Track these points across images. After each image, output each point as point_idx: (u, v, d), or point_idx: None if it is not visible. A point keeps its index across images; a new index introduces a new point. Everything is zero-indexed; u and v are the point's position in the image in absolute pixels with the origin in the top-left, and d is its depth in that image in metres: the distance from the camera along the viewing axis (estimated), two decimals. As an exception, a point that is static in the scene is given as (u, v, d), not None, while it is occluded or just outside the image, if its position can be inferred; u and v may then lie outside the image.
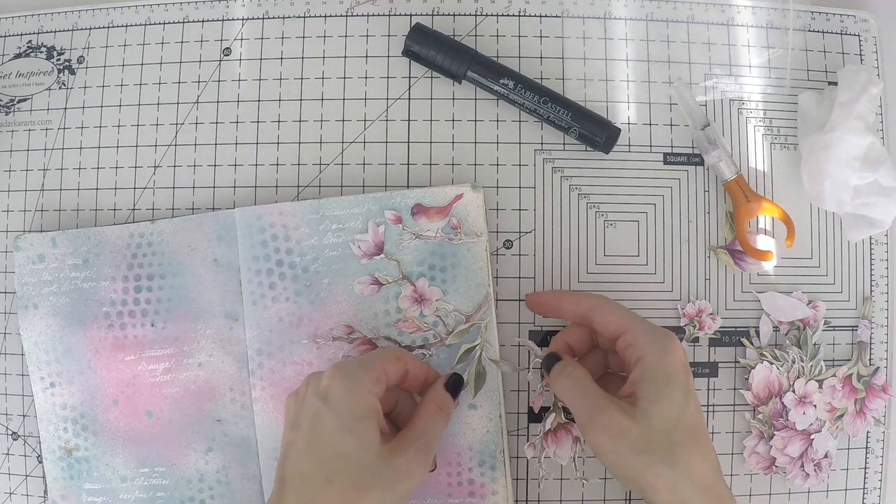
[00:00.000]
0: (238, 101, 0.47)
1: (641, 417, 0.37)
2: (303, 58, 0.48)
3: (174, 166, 0.47)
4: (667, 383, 0.37)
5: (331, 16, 0.48)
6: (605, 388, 0.40)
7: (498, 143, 0.47)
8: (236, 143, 0.47)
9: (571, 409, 0.40)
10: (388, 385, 0.39)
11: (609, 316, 0.40)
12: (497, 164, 0.47)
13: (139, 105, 0.48)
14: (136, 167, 0.47)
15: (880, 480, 0.47)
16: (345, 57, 0.47)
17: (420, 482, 0.38)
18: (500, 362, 0.44)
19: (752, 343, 0.46)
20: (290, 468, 0.36)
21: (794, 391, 0.46)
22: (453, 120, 0.47)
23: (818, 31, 0.49)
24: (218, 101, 0.48)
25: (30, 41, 0.49)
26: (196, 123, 0.47)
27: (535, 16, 0.48)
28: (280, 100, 0.47)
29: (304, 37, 0.48)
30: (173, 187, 0.47)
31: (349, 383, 0.37)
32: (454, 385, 0.42)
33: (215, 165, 0.47)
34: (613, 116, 0.47)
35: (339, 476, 0.35)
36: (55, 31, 0.49)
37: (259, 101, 0.47)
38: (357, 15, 0.48)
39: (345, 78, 0.47)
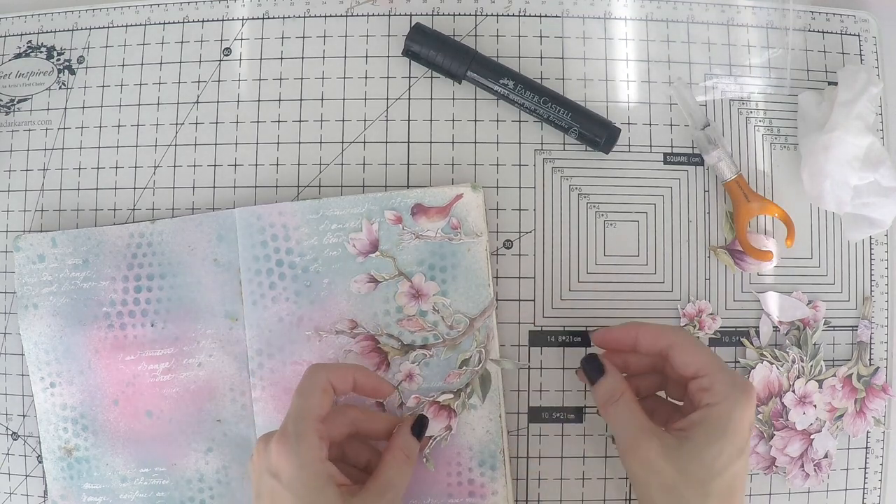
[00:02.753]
0: (238, 101, 0.47)
1: (681, 459, 0.36)
2: (303, 58, 0.48)
3: (174, 166, 0.47)
4: (723, 435, 0.36)
5: (331, 16, 0.48)
6: (653, 411, 0.40)
7: (498, 143, 0.47)
8: (236, 143, 0.47)
9: (615, 432, 0.40)
10: (337, 400, 0.39)
11: (690, 357, 0.38)
12: (497, 164, 0.47)
13: (139, 105, 0.48)
14: (136, 167, 0.47)
15: (880, 480, 0.47)
16: (345, 57, 0.47)
17: None
18: (501, 360, 0.44)
19: (752, 343, 0.46)
20: None
21: (794, 391, 0.46)
22: (453, 120, 0.47)
23: (818, 31, 0.49)
24: (218, 101, 0.48)
25: (30, 41, 0.49)
26: (196, 123, 0.47)
27: (535, 16, 0.48)
28: (280, 100, 0.47)
29: (304, 37, 0.48)
30: (173, 187, 0.47)
31: (296, 459, 0.35)
32: (420, 428, 0.41)
33: (215, 165, 0.47)
34: (613, 116, 0.47)
35: None
36: (55, 31, 0.49)
37: (259, 101, 0.47)
38: (357, 15, 0.48)
39: (345, 78, 0.47)
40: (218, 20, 0.48)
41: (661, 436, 0.37)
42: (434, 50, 0.45)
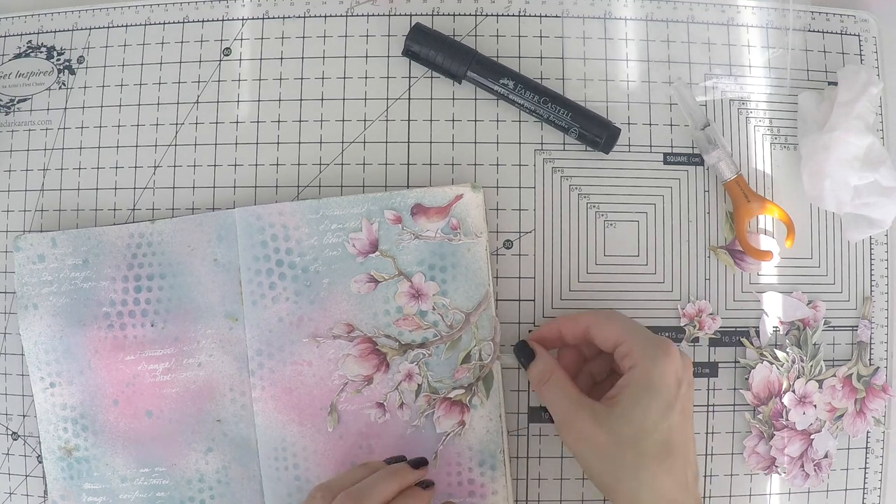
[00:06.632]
0: (238, 101, 0.47)
1: (612, 424, 0.37)
2: (303, 58, 0.48)
3: (174, 166, 0.47)
4: (647, 392, 0.37)
5: (331, 16, 0.48)
6: (591, 390, 0.42)
7: (498, 143, 0.47)
8: (236, 143, 0.47)
9: (550, 409, 0.41)
10: None
11: (607, 331, 0.40)
12: (497, 164, 0.47)
13: (139, 105, 0.48)
14: (136, 167, 0.47)
15: (880, 480, 0.47)
16: (345, 57, 0.47)
17: None
18: (501, 357, 0.44)
19: (752, 343, 0.46)
20: None
21: (794, 391, 0.46)
22: (453, 120, 0.47)
23: (818, 31, 0.49)
24: (218, 101, 0.48)
25: (30, 41, 0.49)
26: (196, 123, 0.47)
27: (535, 16, 0.48)
28: (280, 100, 0.47)
29: (304, 37, 0.48)
30: (173, 187, 0.47)
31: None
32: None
33: (215, 165, 0.47)
34: (613, 116, 0.47)
35: None
36: (55, 31, 0.49)
37: (259, 101, 0.47)
38: (357, 15, 0.48)
39: (345, 78, 0.47)
40: (218, 20, 0.48)
41: (591, 406, 0.38)
42: (434, 50, 0.45)
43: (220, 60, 0.48)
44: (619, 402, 0.37)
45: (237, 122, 0.47)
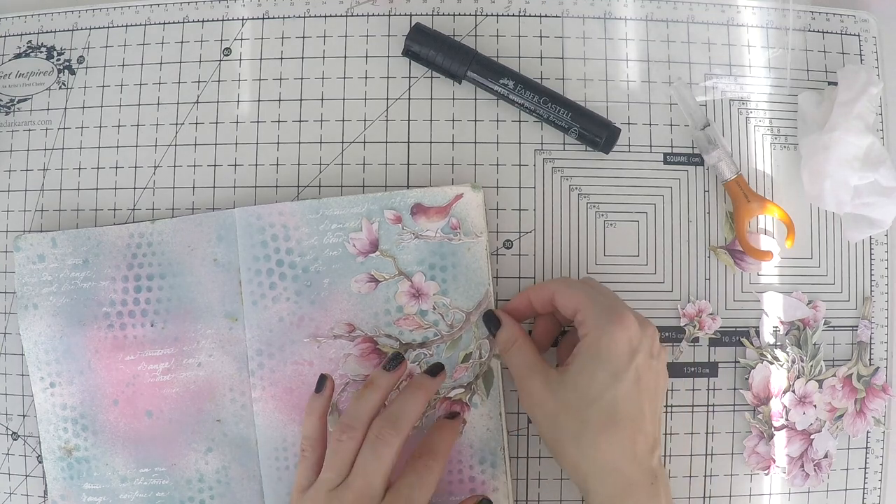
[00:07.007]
0: (238, 101, 0.47)
1: (561, 390, 0.38)
2: (303, 58, 0.48)
3: (174, 166, 0.47)
4: (594, 361, 0.38)
5: (331, 16, 0.48)
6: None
7: (498, 143, 0.47)
8: (236, 143, 0.47)
9: (512, 374, 0.42)
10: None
11: (567, 298, 0.40)
12: (497, 164, 0.47)
13: (139, 105, 0.48)
14: (136, 167, 0.47)
15: (880, 480, 0.47)
16: (345, 57, 0.47)
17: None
18: (501, 356, 0.44)
19: (752, 343, 0.46)
20: None
21: (794, 391, 0.46)
22: (453, 120, 0.47)
23: (818, 31, 0.49)
24: (218, 101, 0.48)
25: (30, 41, 0.49)
26: (196, 123, 0.47)
27: (535, 16, 0.48)
28: (280, 100, 0.47)
29: (304, 37, 0.48)
30: (173, 187, 0.47)
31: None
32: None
33: (215, 165, 0.47)
34: (613, 116, 0.47)
35: None
36: (55, 31, 0.49)
37: (259, 101, 0.47)
38: (357, 15, 0.48)
39: (345, 78, 0.47)
40: (218, 20, 0.48)
41: (545, 372, 0.39)
42: (434, 50, 0.45)
43: (220, 60, 0.48)
44: (569, 370, 0.38)
45: (237, 122, 0.47)
